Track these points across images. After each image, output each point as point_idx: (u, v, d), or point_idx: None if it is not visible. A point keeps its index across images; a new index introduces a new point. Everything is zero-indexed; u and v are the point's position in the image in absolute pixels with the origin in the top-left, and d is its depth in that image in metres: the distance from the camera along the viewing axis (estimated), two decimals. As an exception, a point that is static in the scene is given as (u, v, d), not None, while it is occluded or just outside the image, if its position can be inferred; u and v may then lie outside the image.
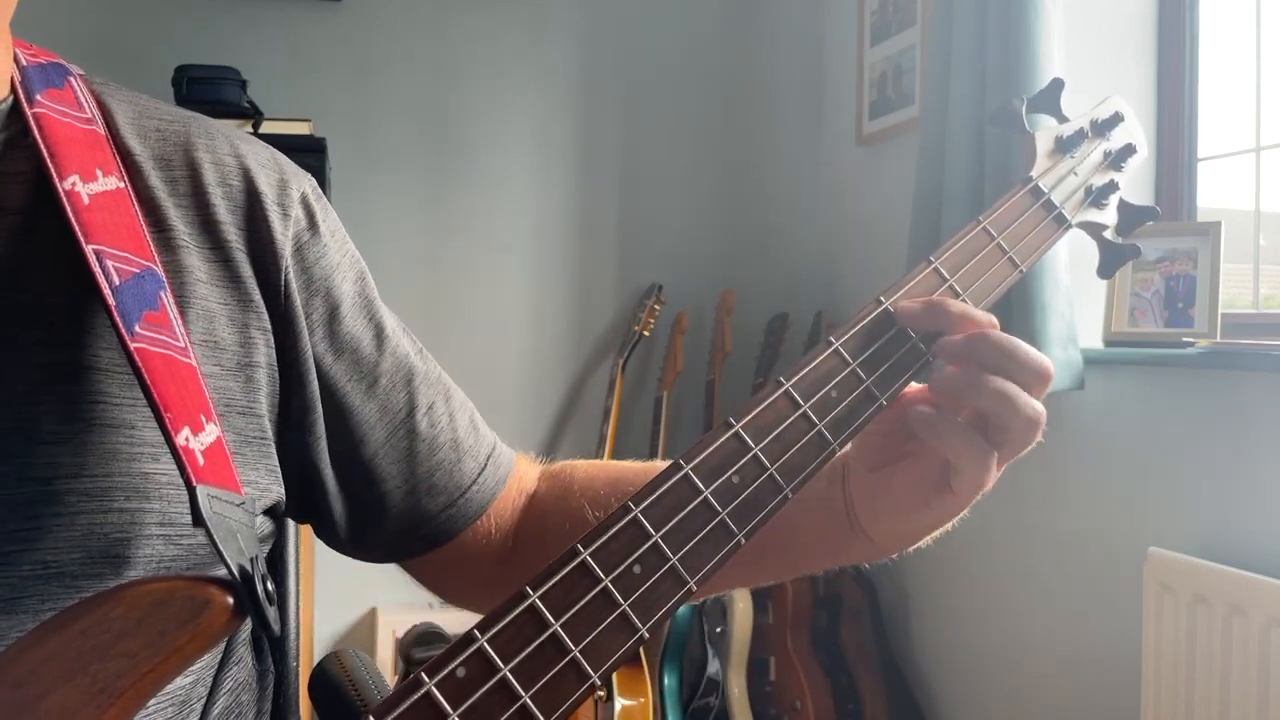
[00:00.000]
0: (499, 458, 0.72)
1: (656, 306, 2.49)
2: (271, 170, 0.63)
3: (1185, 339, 1.69)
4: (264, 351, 0.60)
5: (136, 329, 0.51)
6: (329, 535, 0.69)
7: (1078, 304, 1.78)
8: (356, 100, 2.42)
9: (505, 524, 0.72)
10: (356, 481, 0.66)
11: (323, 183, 1.95)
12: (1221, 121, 1.88)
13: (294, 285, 0.61)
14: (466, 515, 0.69)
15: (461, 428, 0.70)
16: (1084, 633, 1.83)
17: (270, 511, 0.61)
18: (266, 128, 2.03)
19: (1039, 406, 0.54)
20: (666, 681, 2.31)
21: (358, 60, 2.43)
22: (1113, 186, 0.66)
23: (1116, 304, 1.82)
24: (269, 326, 0.60)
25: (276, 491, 0.61)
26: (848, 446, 0.56)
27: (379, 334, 0.66)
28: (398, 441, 0.66)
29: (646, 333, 2.47)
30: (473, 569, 0.71)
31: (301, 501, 0.65)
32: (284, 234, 0.61)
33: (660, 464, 0.55)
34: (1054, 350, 1.73)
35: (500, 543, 0.71)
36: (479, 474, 0.70)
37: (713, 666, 2.31)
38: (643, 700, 2.22)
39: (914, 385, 0.59)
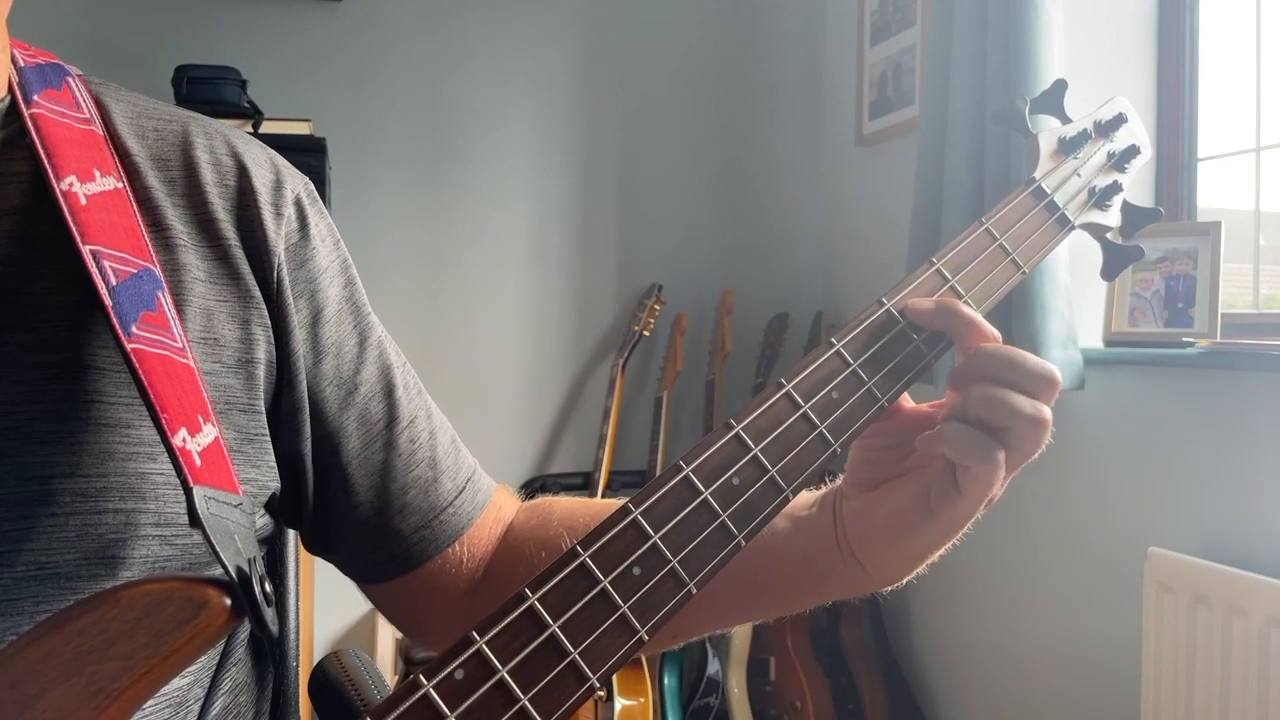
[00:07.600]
0: (478, 483, 0.70)
1: (656, 306, 2.48)
2: (267, 170, 0.63)
3: (1185, 339, 1.68)
4: (264, 348, 0.59)
5: (133, 329, 0.51)
6: (304, 538, 0.68)
7: (1078, 304, 1.78)
8: (356, 100, 2.42)
9: (479, 554, 0.69)
10: (329, 490, 0.65)
11: (322, 182, 1.95)
12: (1221, 121, 1.88)
13: (286, 283, 0.61)
14: (439, 539, 0.67)
15: (441, 447, 0.68)
16: (1084, 633, 1.83)
17: (269, 506, 0.61)
18: (266, 128, 2.03)
19: (1041, 406, 0.53)
20: (666, 681, 2.31)
21: (358, 60, 2.42)
22: (1116, 188, 0.65)
23: (1116, 304, 1.81)
24: (269, 323, 0.60)
25: (274, 487, 0.61)
26: (840, 477, 0.54)
27: (362, 342, 0.65)
28: (373, 454, 0.65)
29: (646, 333, 2.47)
30: (439, 600, 0.69)
31: (282, 500, 0.64)
32: (276, 233, 0.61)
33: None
34: (1054, 350, 1.72)
35: (470, 573, 0.69)
36: (456, 496, 0.68)
37: (713, 666, 2.31)
38: (643, 700, 2.21)
39: (920, 406, 0.59)
